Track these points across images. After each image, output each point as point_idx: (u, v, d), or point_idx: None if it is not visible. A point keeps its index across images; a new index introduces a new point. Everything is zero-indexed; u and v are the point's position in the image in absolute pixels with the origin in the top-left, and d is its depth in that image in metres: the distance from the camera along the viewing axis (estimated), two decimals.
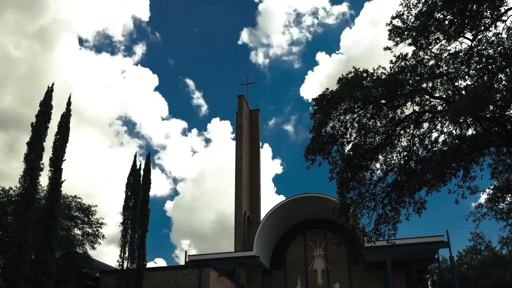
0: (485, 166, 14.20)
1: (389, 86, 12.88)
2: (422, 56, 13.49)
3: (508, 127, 12.65)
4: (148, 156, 29.24)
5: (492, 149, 14.07)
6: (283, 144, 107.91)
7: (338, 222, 19.02)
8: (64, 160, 21.78)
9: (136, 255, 26.15)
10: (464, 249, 53.26)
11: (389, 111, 13.76)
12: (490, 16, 12.21)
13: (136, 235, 26.45)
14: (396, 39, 13.88)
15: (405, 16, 13.80)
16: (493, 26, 12.42)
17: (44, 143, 20.75)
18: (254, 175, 48.03)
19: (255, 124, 50.88)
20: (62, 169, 21.56)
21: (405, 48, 13.79)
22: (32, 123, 20.78)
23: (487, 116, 12.35)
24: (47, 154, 21.17)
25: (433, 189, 14.42)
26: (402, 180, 14.50)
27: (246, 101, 49.70)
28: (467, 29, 12.51)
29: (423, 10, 13.17)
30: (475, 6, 11.75)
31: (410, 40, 13.56)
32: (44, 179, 21.61)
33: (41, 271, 19.52)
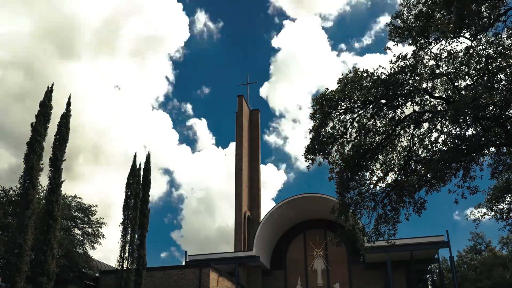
0: (485, 166, 14.22)
1: (389, 86, 12.87)
2: (422, 56, 13.50)
3: (508, 127, 12.64)
4: (148, 156, 29.22)
5: (492, 149, 14.07)
6: None
7: (338, 222, 19.00)
8: (64, 160, 21.82)
9: (136, 255, 26.19)
10: (464, 249, 53.39)
11: (389, 111, 13.74)
12: (489, 16, 12.21)
13: (136, 235, 26.49)
14: (396, 39, 13.90)
15: (405, 16, 13.82)
16: (493, 26, 12.41)
17: (44, 143, 20.79)
18: (254, 175, 48.05)
19: (255, 124, 50.93)
20: (62, 169, 21.60)
21: (405, 48, 13.81)
22: (32, 123, 20.80)
23: (487, 116, 12.34)
24: (47, 154, 21.23)
25: (433, 189, 14.40)
26: (402, 180, 14.48)
27: (246, 101, 49.73)
28: (466, 29, 12.51)
29: (423, 10, 13.19)
30: (474, 6, 11.74)
31: (410, 40, 13.58)
32: (44, 179, 21.60)
33: (41, 271, 19.54)
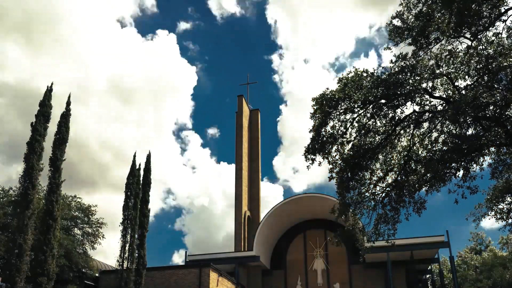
0: (485, 166, 14.21)
1: (389, 86, 12.87)
2: (422, 56, 13.50)
3: (508, 127, 12.63)
4: (148, 156, 29.19)
5: (492, 149, 14.07)
6: None
7: (338, 222, 19.00)
8: (64, 160, 21.81)
9: (136, 255, 26.19)
10: (464, 249, 53.40)
11: (389, 111, 13.73)
12: (490, 15, 12.21)
13: (136, 235, 26.49)
14: (396, 39, 13.90)
15: (405, 16, 13.82)
16: (493, 26, 12.42)
17: (44, 143, 20.78)
18: (254, 175, 48.06)
19: (255, 124, 50.95)
20: (62, 169, 21.59)
21: (405, 47, 13.81)
22: (32, 123, 20.80)
23: (487, 116, 12.33)
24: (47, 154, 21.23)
25: (433, 189, 14.40)
26: (402, 180, 14.48)
27: (246, 101, 49.74)
28: (467, 29, 12.51)
29: (423, 10, 13.19)
30: (475, 6, 11.74)
31: (410, 40, 13.57)
32: (44, 179, 21.60)
33: (41, 271, 19.53)
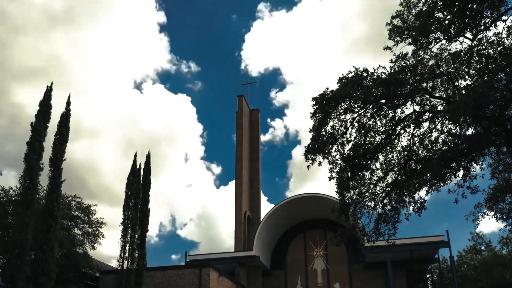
0: (485, 165, 14.22)
1: (389, 86, 12.88)
2: (422, 55, 13.50)
3: (508, 127, 12.64)
4: (148, 156, 29.18)
5: (492, 148, 14.07)
6: None
7: (338, 222, 19.00)
8: (64, 160, 21.82)
9: (136, 255, 26.19)
10: (464, 249, 53.39)
11: (389, 111, 13.74)
12: (490, 15, 12.21)
13: (136, 235, 26.49)
14: (396, 39, 13.89)
15: (405, 16, 13.81)
16: (493, 26, 12.42)
17: (44, 143, 20.79)
18: (254, 175, 48.06)
19: (255, 124, 50.93)
20: (62, 169, 21.60)
21: (405, 47, 13.81)
22: (32, 123, 20.80)
23: (487, 116, 12.34)
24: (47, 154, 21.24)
25: (433, 189, 14.41)
26: (402, 179, 14.48)
27: (246, 101, 49.74)
28: (467, 29, 12.51)
29: (423, 10, 13.19)
30: (475, 6, 11.75)
31: (410, 40, 13.56)
32: (44, 179, 21.60)
33: (41, 271, 19.53)
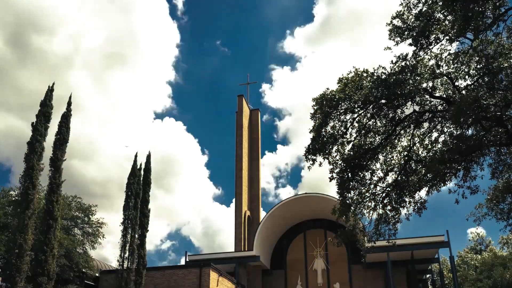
0: (485, 166, 14.21)
1: (389, 86, 12.87)
2: (423, 56, 13.49)
3: (509, 127, 12.64)
4: (148, 156, 29.20)
5: (492, 149, 14.07)
6: None
7: (338, 222, 19.01)
8: (64, 160, 21.82)
9: (136, 255, 26.20)
10: (464, 249, 53.44)
11: (389, 111, 13.74)
12: (490, 16, 12.20)
13: (136, 235, 26.49)
14: (396, 39, 13.88)
15: (405, 16, 13.80)
16: (494, 26, 12.41)
17: (44, 143, 20.79)
18: (254, 175, 48.07)
19: (255, 124, 50.95)
20: (62, 169, 21.60)
21: (405, 48, 13.81)
22: (32, 123, 20.82)
23: (488, 116, 12.33)
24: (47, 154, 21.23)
25: (433, 189, 14.41)
26: (402, 180, 14.48)
27: (246, 101, 49.74)
28: (467, 29, 12.50)
29: (423, 10, 13.18)
30: (475, 6, 11.73)
31: (410, 40, 13.56)
32: (44, 179, 21.61)
33: (41, 271, 19.54)
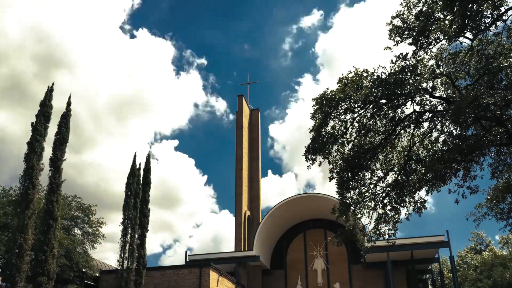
0: (485, 165, 14.21)
1: (389, 86, 12.88)
2: (422, 55, 13.50)
3: (509, 127, 12.64)
4: (148, 156, 29.21)
5: (492, 148, 14.07)
6: None
7: (338, 222, 19.01)
8: (64, 160, 21.82)
9: (136, 255, 26.19)
10: (464, 249, 53.45)
11: (389, 111, 13.74)
12: (490, 15, 12.20)
13: (136, 235, 26.49)
14: (396, 39, 13.88)
15: (405, 16, 13.80)
16: (493, 26, 12.41)
17: (44, 143, 20.79)
18: (254, 175, 48.06)
19: (255, 124, 50.95)
20: (62, 169, 21.60)
21: (406, 47, 13.82)
22: (32, 122, 20.82)
23: (488, 116, 12.34)
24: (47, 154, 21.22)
25: (433, 189, 14.40)
26: (402, 179, 14.48)
27: (246, 100, 49.74)
28: (467, 29, 12.50)
29: (423, 10, 13.18)
30: (475, 6, 11.73)
31: (410, 40, 13.55)
32: (44, 179, 21.61)
33: (41, 271, 19.53)
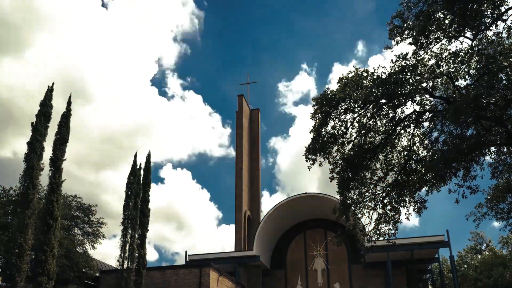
0: (485, 165, 14.23)
1: (389, 86, 12.87)
2: (423, 55, 13.49)
3: (509, 127, 12.64)
4: (149, 155, 29.18)
5: (492, 148, 14.08)
6: None
7: (338, 222, 19.00)
8: (64, 160, 21.80)
9: (137, 254, 26.19)
10: (464, 249, 53.42)
11: (389, 111, 13.75)
12: (490, 15, 12.20)
13: (136, 235, 26.49)
14: (396, 39, 13.87)
15: (405, 16, 13.79)
16: (494, 26, 12.41)
17: (44, 143, 20.78)
18: (254, 175, 48.07)
19: (255, 123, 50.96)
20: (62, 169, 21.58)
21: (406, 47, 13.82)
22: (32, 122, 20.80)
23: (488, 116, 12.34)
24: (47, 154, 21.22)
25: (434, 189, 14.41)
26: (402, 179, 14.49)
27: (246, 100, 49.75)
28: (467, 29, 12.50)
29: (423, 10, 13.17)
30: (475, 6, 11.74)
31: (410, 40, 13.55)
32: (44, 179, 21.59)
33: (41, 270, 19.52)
